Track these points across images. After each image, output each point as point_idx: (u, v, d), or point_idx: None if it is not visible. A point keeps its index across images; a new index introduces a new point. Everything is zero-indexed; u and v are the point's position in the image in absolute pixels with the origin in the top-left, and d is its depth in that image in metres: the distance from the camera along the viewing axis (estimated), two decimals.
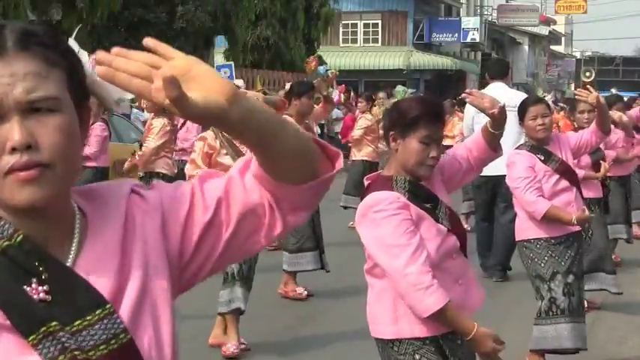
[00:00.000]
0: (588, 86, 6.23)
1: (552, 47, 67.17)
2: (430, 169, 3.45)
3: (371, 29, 44.90)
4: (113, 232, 1.39)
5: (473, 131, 9.33)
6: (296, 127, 1.43)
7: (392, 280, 3.31)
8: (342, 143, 13.21)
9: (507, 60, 15.38)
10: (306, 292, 8.07)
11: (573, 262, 5.62)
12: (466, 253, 3.57)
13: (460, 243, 3.49)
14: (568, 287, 5.58)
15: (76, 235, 1.38)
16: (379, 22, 44.66)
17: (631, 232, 9.64)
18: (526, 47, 58.68)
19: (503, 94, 9.09)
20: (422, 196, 3.41)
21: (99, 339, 1.31)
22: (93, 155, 11.01)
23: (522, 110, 5.67)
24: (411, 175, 3.45)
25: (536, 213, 5.51)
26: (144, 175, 8.70)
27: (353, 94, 23.69)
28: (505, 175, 5.88)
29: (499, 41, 53.81)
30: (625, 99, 12.20)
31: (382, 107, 14.08)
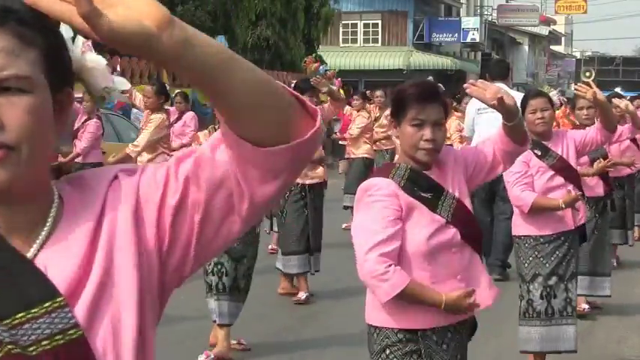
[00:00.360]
0: (590, 81, 6.10)
1: (552, 47, 67.17)
2: (428, 154, 3.35)
3: (371, 29, 44.90)
4: (85, 220, 1.30)
5: (473, 131, 9.35)
6: (260, 71, 1.26)
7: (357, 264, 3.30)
8: (340, 142, 13.18)
9: (507, 61, 15.35)
10: (305, 296, 8.06)
11: (560, 264, 5.53)
12: (480, 250, 3.49)
13: (470, 238, 3.40)
14: (548, 290, 5.50)
15: (48, 223, 1.29)
16: (379, 22, 44.66)
17: (629, 236, 9.52)
18: (526, 47, 58.69)
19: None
20: (422, 185, 3.34)
21: (42, 334, 1.21)
22: (83, 151, 11.05)
23: (523, 104, 5.63)
24: (414, 162, 3.38)
25: (523, 206, 5.47)
26: None
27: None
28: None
29: (499, 41, 53.81)
30: (626, 99, 12.14)
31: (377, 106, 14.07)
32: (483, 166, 3.45)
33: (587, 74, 45.10)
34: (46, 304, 1.22)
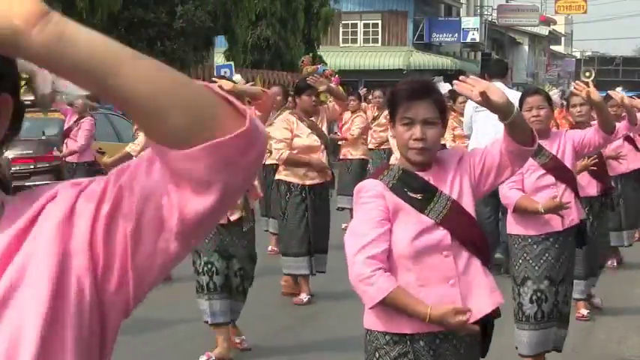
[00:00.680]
0: (588, 81, 6.01)
1: (552, 47, 67.20)
2: (418, 153, 3.25)
3: (371, 29, 44.91)
4: (16, 229, 1.23)
5: (472, 129, 9.38)
6: (168, 70, 1.14)
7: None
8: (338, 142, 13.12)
9: (507, 60, 15.42)
10: (307, 299, 8.05)
11: (552, 267, 5.41)
12: (483, 255, 3.33)
13: (465, 241, 3.27)
14: (539, 294, 5.40)
15: None
16: (379, 22, 44.68)
17: (624, 237, 9.39)
18: (526, 47, 58.71)
19: None
20: (412, 185, 3.26)
21: None
22: (80, 148, 11.06)
23: (520, 101, 5.60)
24: (408, 162, 3.32)
25: (509, 205, 5.42)
26: None
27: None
28: None
29: (499, 41, 53.82)
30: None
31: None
32: (491, 168, 3.28)
33: (587, 74, 45.08)
34: None
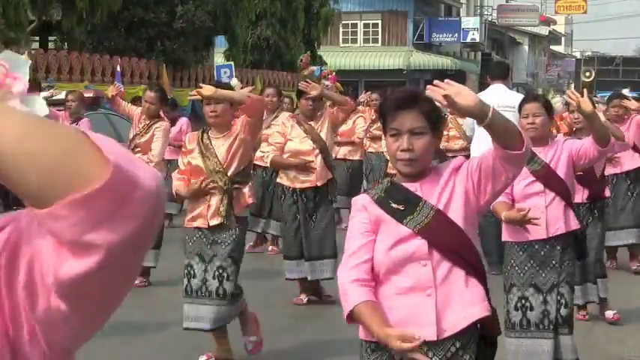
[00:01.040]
0: (584, 89, 5.91)
1: (552, 47, 67.21)
2: (406, 165, 3.19)
3: (371, 29, 44.92)
4: None
5: (473, 130, 9.39)
6: (34, 130, 1.01)
7: None
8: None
9: (507, 61, 15.49)
10: (307, 299, 8.05)
11: (537, 274, 5.33)
12: (469, 266, 3.18)
13: (445, 250, 3.16)
14: (523, 301, 5.34)
15: None
16: (379, 22, 44.69)
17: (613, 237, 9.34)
18: (526, 47, 58.72)
19: (503, 96, 9.23)
20: (395, 197, 3.23)
21: None
22: None
23: (519, 107, 5.59)
24: (399, 174, 3.30)
25: (493, 210, 5.33)
26: None
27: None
28: None
29: (499, 41, 53.83)
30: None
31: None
32: (488, 174, 3.17)
33: (587, 74, 45.11)
34: None
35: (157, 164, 8.48)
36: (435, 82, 3.10)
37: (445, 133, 10.89)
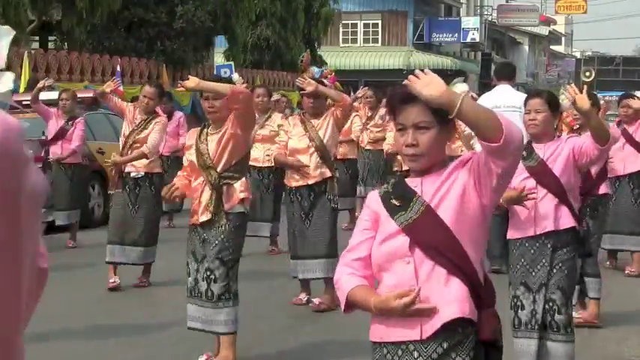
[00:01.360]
0: (584, 87, 5.82)
1: (552, 47, 67.24)
2: (411, 160, 3.12)
3: (371, 29, 44.93)
4: None
5: None
6: None
7: None
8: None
9: (512, 63, 15.56)
10: (306, 299, 8.03)
11: (527, 273, 5.28)
12: (452, 265, 3.05)
13: (427, 248, 3.07)
14: (515, 300, 5.31)
15: None
16: (379, 22, 44.70)
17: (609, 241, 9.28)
18: (526, 47, 58.74)
19: (509, 96, 9.30)
20: (397, 193, 3.17)
21: None
22: (78, 148, 11.06)
23: (524, 103, 5.54)
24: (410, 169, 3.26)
25: None
26: (143, 176, 8.68)
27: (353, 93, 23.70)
28: None
29: (499, 41, 53.84)
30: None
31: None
32: (483, 169, 3.05)
33: (587, 74, 45.15)
34: None
35: (151, 155, 8.54)
36: (416, 72, 3.00)
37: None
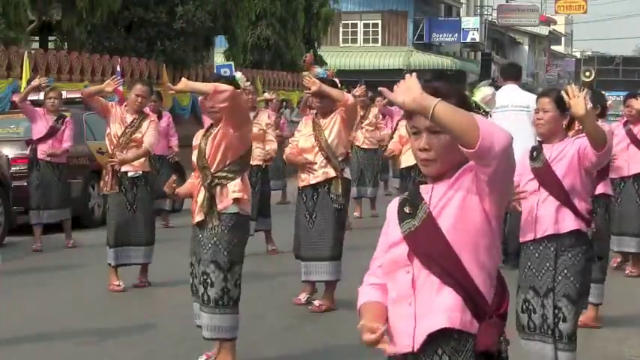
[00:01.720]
0: (585, 87, 5.79)
1: (552, 47, 67.25)
2: (424, 165, 2.97)
3: (371, 29, 44.93)
4: None
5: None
6: None
7: None
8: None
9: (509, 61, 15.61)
10: (306, 299, 8.02)
11: (534, 277, 5.25)
12: (446, 274, 2.92)
13: (425, 257, 2.95)
14: (527, 304, 5.28)
15: None
16: (379, 22, 44.70)
17: (617, 242, 9.19)
18: (526, 47, 58.74)
19: (516, 95, 9.37)
20: (410, 199, 3.04)
21: None
22: (71, 148, 11.08)
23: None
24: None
25: None
26: (139, 176, 8.70)
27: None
28: None
29: (499, 41, 53.83)
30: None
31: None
32: (477, 173, 2.90)
33: (587, 74, 45.12)
34: None
35: (150, 153, 8.69)
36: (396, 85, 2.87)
37: None
